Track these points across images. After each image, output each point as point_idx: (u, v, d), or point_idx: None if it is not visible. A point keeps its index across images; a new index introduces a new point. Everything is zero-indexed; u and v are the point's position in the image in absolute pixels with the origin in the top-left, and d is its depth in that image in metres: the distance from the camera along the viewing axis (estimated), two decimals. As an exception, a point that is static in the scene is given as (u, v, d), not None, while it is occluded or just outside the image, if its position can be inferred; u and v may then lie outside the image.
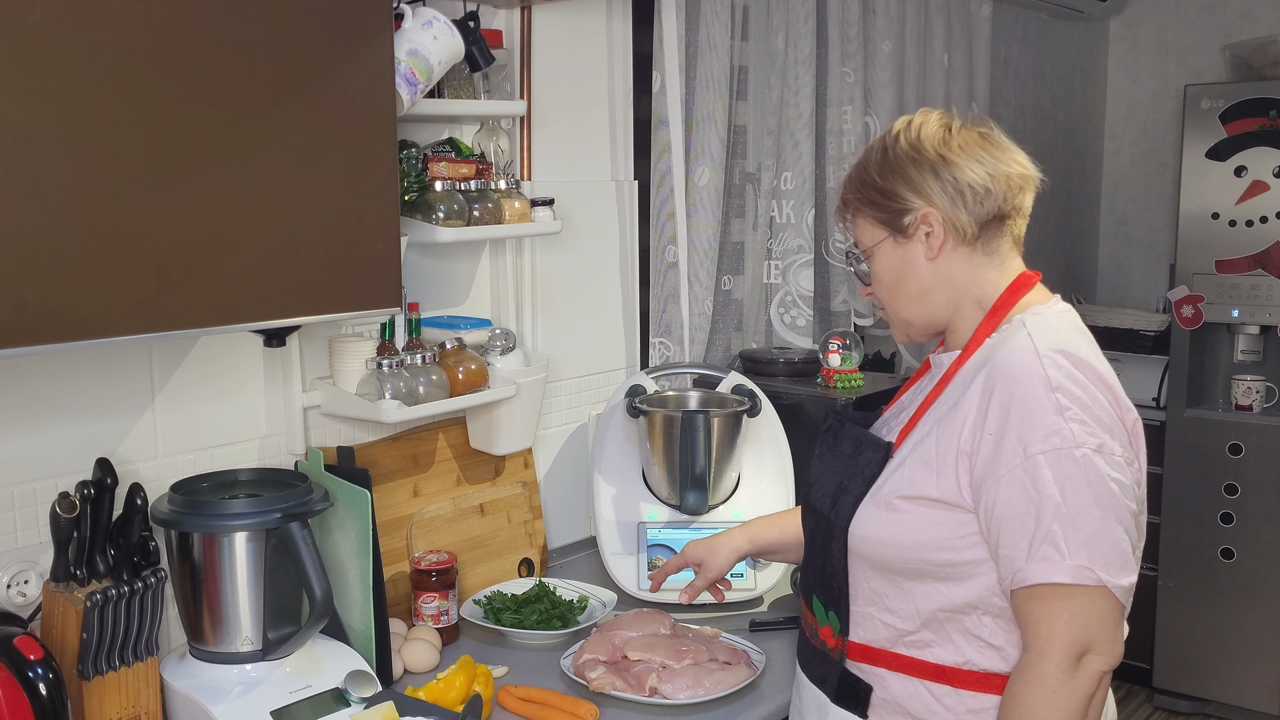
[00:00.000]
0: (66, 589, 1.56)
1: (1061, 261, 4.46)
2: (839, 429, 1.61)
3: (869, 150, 1.56)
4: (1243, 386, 3.70)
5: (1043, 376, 1.38)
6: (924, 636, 1.46)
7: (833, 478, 1.55)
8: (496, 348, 2.08)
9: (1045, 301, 1.51)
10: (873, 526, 1.46)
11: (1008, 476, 1.36)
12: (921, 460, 1.44)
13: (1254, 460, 3.63)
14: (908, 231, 1.49)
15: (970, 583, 1.42)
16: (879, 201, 1.51)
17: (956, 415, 1.42)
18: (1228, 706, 3.75)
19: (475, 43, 1.92)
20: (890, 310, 1.58)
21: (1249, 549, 3.65)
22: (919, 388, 1.60)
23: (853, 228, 1.58)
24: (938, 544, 1.42)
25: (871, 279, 1.57)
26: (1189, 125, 3.71)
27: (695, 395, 2.37)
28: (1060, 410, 1.35)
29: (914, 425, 1.49)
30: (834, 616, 1.53)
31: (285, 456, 1.90)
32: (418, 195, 1.90)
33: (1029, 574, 1.34)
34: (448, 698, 1.66)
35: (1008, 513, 1.36)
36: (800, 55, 2.88)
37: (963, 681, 1.44)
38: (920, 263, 1.50)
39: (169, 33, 1.35)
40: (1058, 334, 1.44)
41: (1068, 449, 1.34)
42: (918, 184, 1.48)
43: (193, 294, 1.41)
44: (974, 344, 1.49)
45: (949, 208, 1.47)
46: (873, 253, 1.54)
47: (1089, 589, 1.33)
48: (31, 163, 1.25)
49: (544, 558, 2.31)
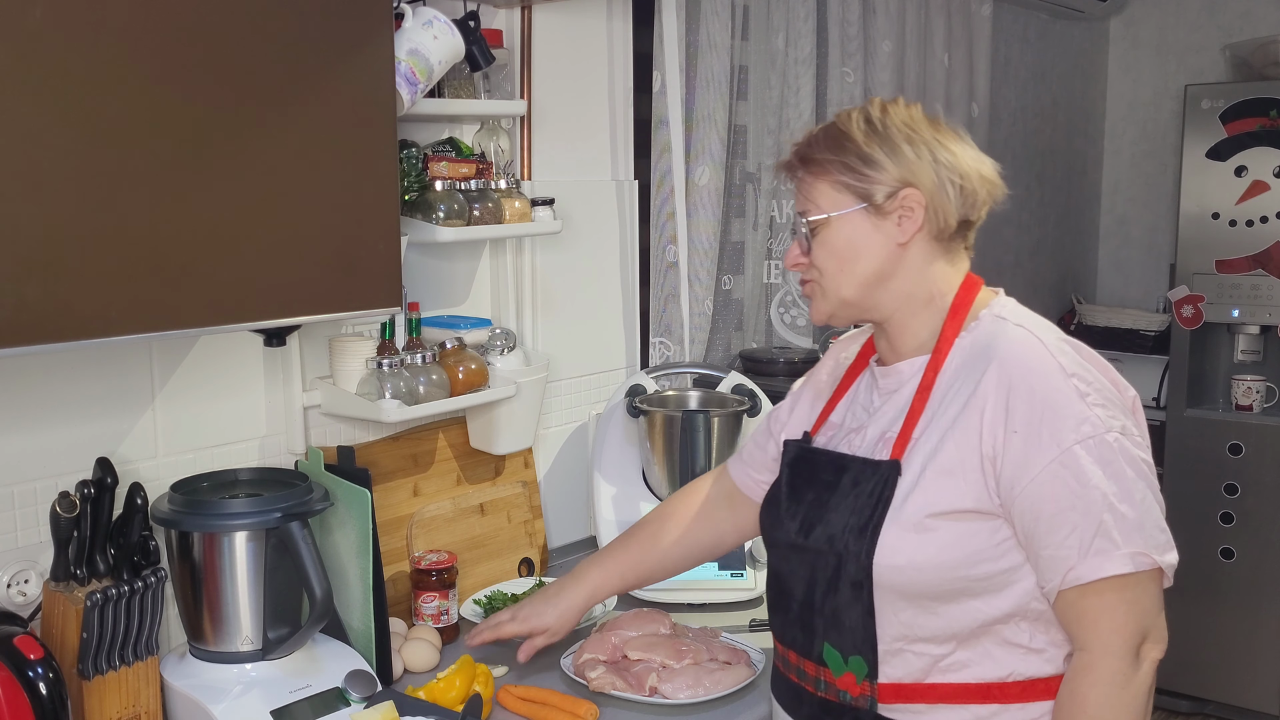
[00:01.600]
0: (66, 588, 1.56)
1: (1061, 261, 4.46)
2: (811, 457, 1.51)
3: (845, 116, 1.44)
4: (1243, 386, 3.69)
5: (1056, 365, 1.34)
6: (960, 657, 1.38)
7: (829, 512, 1.43)
8: (496, 347, 2.08)
9: (996, 296, 1.46)
10: (904, 553, 1.35)
11: (1046, 472, 1.30)
12: (944, 471, 1.35)
13: (1254, 460, 3.63)
14: (883, 209, 1.39)
15: (1009, 591, 1.36)
16: (856, 168, 1.39)
17: (970, 418, 1.35)
18: (1228, 706, 3.75)
19: (475, 42, 1.92)
20: (828, 286, 1.44)
21: (1249, 549, 3.65)
22: (864, 402, 1.50)
23: (806, 188, 1.44)
24: (976, 557, 1.35)
25: (817, 248, 1.43)
26: (1189, 125, 3.71)
27: (695, 395, 2.37)
28: (1082, 396, 1.32)
29: (908, 437, 1.40)
30: (858, 661, 1.40)
31: (285, 456, 1.90)
32: (418, 195, 1.90)
33: (1085, 571, 1.30)
34: (448, 697, 1.66)
35: (1052, 510, 1.30)
36: (800, 55, 2.88)
37: (1009, 695, 1.37)
38: (886, 245, 1.40)
39: (169, 32, 1.35)
40: (1038, 320, 1.42)
41: (1099, 435, 1.30)
42: (909, 161, 1.38)
43: (193, 293, 1.41)
44: (945, 345, 1.41)
45: (937, 193, 1.39)
46: (831, 221, 1.41)
47: (1143, 575, 1.31)
48: (32, 162, 1.25)
49: (544, 557, 2.31)
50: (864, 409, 1.50)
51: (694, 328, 2.64)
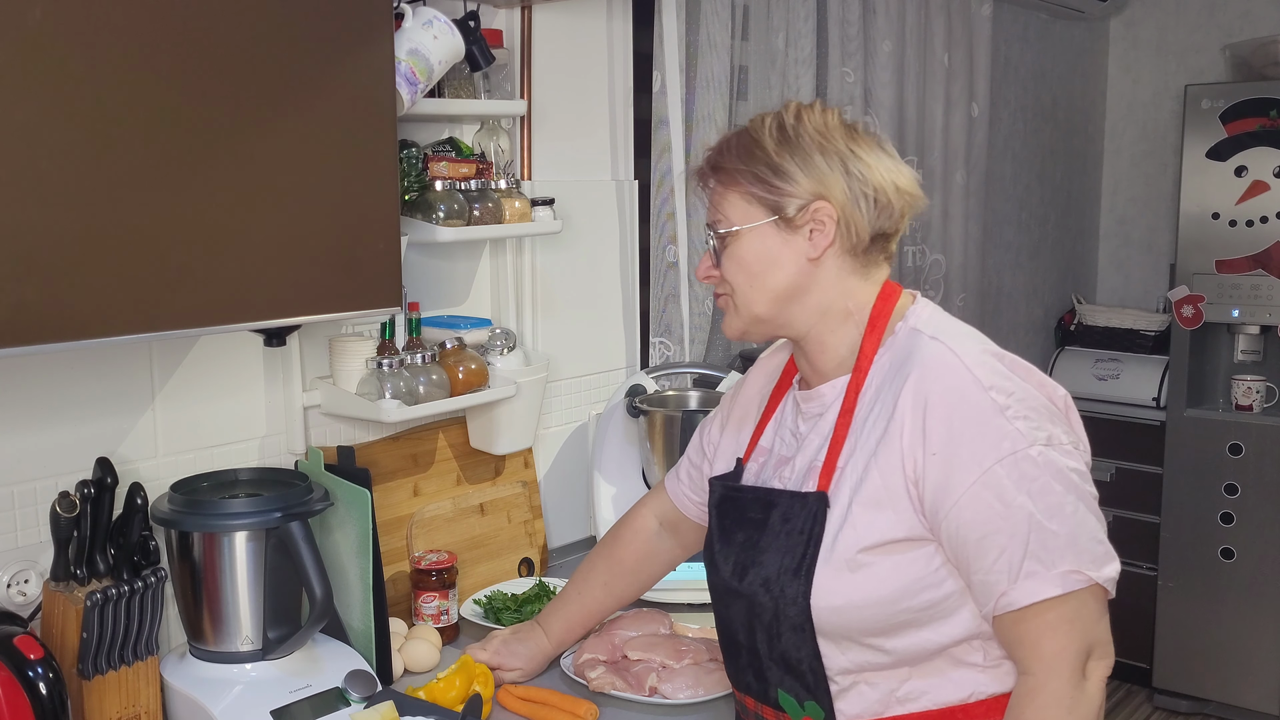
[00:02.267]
0: (66, 588, 1.56)
1: (1061, 261, 4.46)
2: (736, 497, 1.45)
3: (758, 122, 1.38)
4: (1243, 386, 3.70)
5: (973, 380, 1.28)
6: (918, 686, 1.33)
7: (761, 553, 1.37)
8: (496, 347, 2.08)
9: (913, 303, 1.40)
10: (841, 593, 1.30)
11: (968, 495, 1.25)
12: (871, 503, 1.30)
13: (1254, 460, 3.63)
14: (794, 222, 1.34)
15: (955, 617, 1.31)
16: (766, 179, 1.34)
17: (891, 443, 1.29)
18: (1228, 707, 3.75)
19: (475, 42, 1.92)
20: (741, 300, 1.39)
21: (1249, 549, 3.65)
22: (791, 427, 1.45)
23: (717, 199, 1.39)
24: (916, 586, 1.29)
25: (727, 261, 1.38)
26: (1189, 125, 3.71)
27: (695, 395, 2.37)
28: (1001, 410, 1.26)
29: (833, 466, 1.34)
30: (814, 706, 1.36)
31: (285, 456, 1.90)
32: (418, 195, 1.90)
33: (1017, 597, 1.25)
34: (448, 697, 1.66)
35: (976, 535, 1.25)
36: (800, 55, 2.88)
37: (973, 716, 1.33)
38: (797, 259, 1.35)
39: (168, 32, 1.35)
40: (955, 329, 1.36)
41: (1021, 450, 1.25)
42: (821, 173, 1.32)
43: (193, 293, 1.41)
44: (864, 362, 1.36)
45: (849, 207, 1.33)
46: (741, 234, 1.36)
47: (1080, 592, 1.25)
48: (31, 162, 1.25)
49: (544, 557, 2.31)
50: (791, 434, 1.45)
51: (694, 328, 2.64)
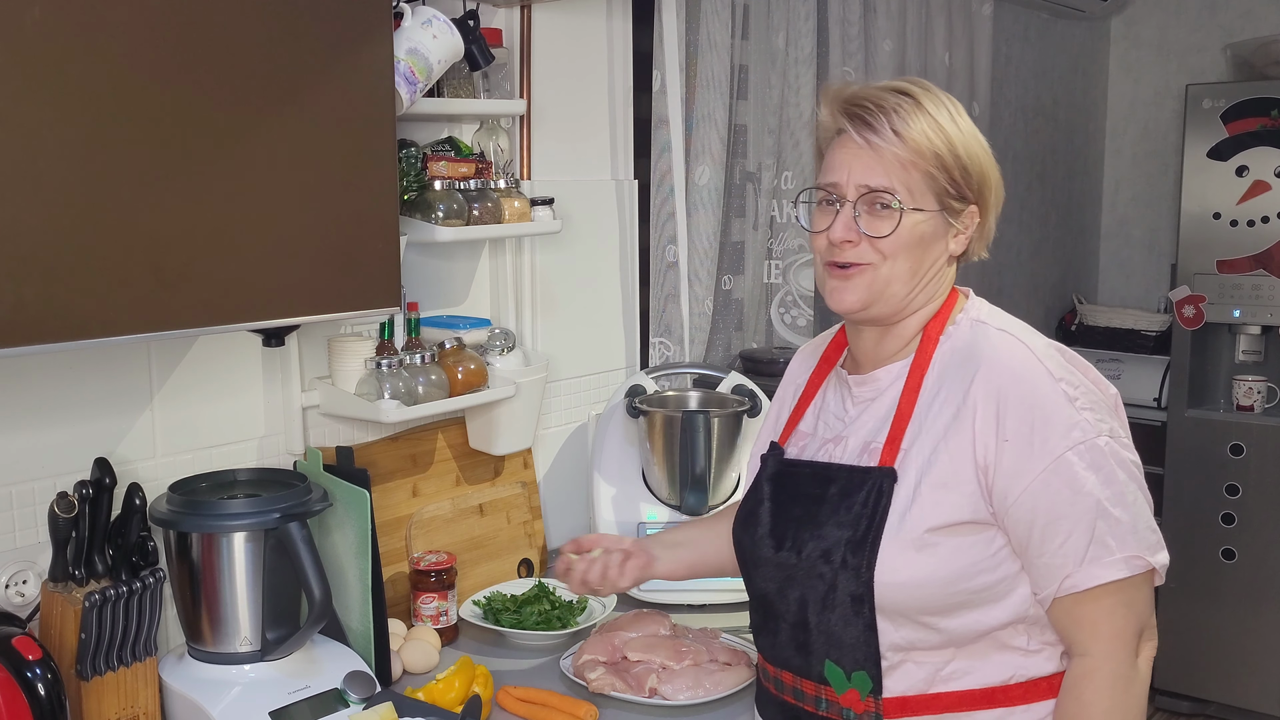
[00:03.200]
0: (65, 589, 1.55)
1: (1062, 261, 4.45)
2: (793, 471, 1.47)
3: (958, 112, 1.39)
4: (1244, 387, 3.69)
5: (1044, 371, 1.34)
6: (962, 665, 1.37)
7: (820, 527, 1.39)
8: (496, 347, 2.08)
9: (970, 298, 1.47)
10: (905, 571, 1.33)
11: (1038, 481, 1.30)
12: (940, 485, 1.34)
13: (1255, 461, 3.62)
14: (958, 219, 1.39)
15: (1006, 600, 1.35)
16: (956, 180, 1.37)
17: (962, 429, 1.33)
18: (1229, 708, 3.75)
19: (475, 41, 1.92)
20: (884, 274, 1.38)
21: (1250, 550, 3.65)
22: (836, 410, 1.47)
23: (892, 168, 1.35)
24: (974, 569, 1.34)
25: (890, 237, 1.36)
26: (1190, 125, 3.70)
27: (695, 395, 2.36)
28: (1071, 401, 1.32)
29: (897, 446, 1.37)
30: (862, 677, 1.38)
31: (284, 456, 1.90)
32: (417, 194, 1.89)
33: (1082, 578, 1.30)
34: (447, 698, 1.66)
35: (1046, 518, 1.30)
36: (801, 54, 2.87)
37: (1013, 698, 1.37)
38: (943, 252, 1.40)
39: (167, 31, 1.35)
40: (1018, 323, 1.43)
41: (1090, 439, 1.31)
42: (992, 186, 1.41)
43: (191, 293, 1.41)
44: (929, 349, 1.40)
45: (987, 219, 1.42)
46: (915, 214, 1.36)
47: (1138, 577, 1.32)
48: (29, 161, 1.25)
49: (543, 558, 2.31)
50: (838, 418, 1.47)
51: (694, 328, 2.64)
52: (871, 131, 1.36)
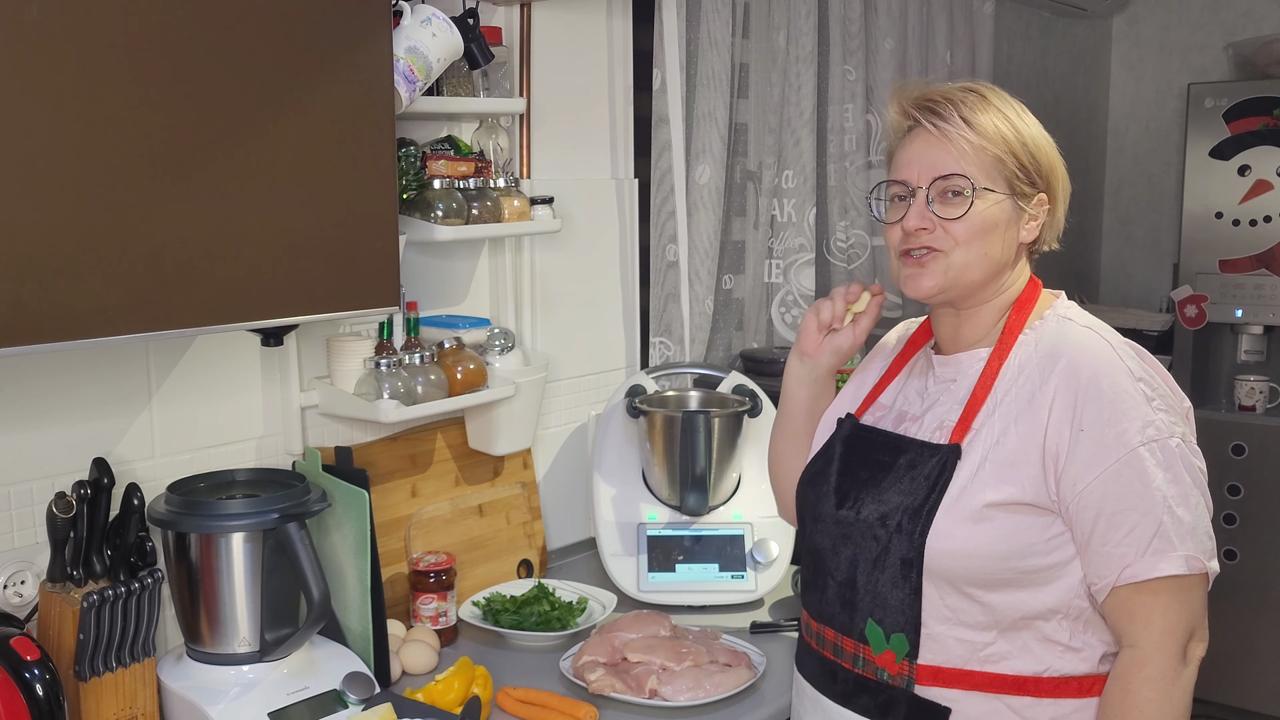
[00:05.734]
0: (63, 589, 1.55)
1: (1064, 261, 4.43)
2: (868, 436, 1.52)
3: (1023, 110, 1.46)
4: (1246, 387, 3.68)
5: (1125, 369, 1.38)
6: (1000, 649, 1.39)
7: (883, 491, 1.44)
8: (495, 347, 2.07)
9: (1060, 298, 1.51)
10: (958, 540, 1.37)
11: (1110, 471, 1.34)
12: (1005, 464, 1.38)
13: (1257, 461, 3.62)
14: (1028, 205, 1.44)
15: (1053, 586, 1.38)
16: (1024, 165, 1.42)
17: (1035, 414, 1.37)
18: (1230, 708, 3.74)
19: (474, 40, 1.92)
20: (958, 260, 1.42)
21: (1252, 550, 3.64)
22: (919, 388, 1.52)
23: (962, 153, 1.40)
24: (1026, 550, 1.37)
25: (963, 219, 1.40)
26: (1192, 124, 3.70)
27: (695, 395, 2.36)
28: (1148, 400, 1.36)
29: (968, 425, 1.41)
30: (900, 640, 1.42)
31: (283, 456, 1.90)
32: (416, 193, 1.89)
33: (1142, 569, 1.33)
34: (446, 699, 1.66)
35: (1113, 508, 1.34)
36: (802, 53, 2.87)
37: (1043, 690, 1.40)
38: (1015, 239, 1.45)
39: (166, 30, 1.34)
40: (1105, 325, 1.46)
41: (1163, 439, 1.35)
42: (1059, 178, 1.47)
43: (190, 293, 1.41)
44: (1010, 338, 1.44)
45: (1056, 209, 1.48)
46: (988, 198, 1.41)
47: (1194, 578, 1.34)
48: (28, 161, 1.25)
49: (543, 559, 2.30)
50: (918, 395, 1.52)
51: (694, 327, 2.63)
52: (941, 119, 1.42)
